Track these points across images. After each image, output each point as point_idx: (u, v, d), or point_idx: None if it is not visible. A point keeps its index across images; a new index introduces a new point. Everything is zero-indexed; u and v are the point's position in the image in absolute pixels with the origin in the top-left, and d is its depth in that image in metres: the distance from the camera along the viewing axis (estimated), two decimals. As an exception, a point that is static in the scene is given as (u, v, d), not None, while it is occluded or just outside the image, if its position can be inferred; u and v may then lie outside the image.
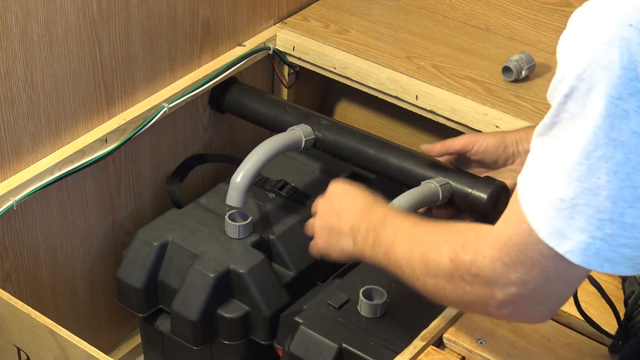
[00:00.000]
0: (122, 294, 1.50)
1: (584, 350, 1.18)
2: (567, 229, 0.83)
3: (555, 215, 0.84)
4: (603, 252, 0.83)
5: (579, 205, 0.82)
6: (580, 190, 0.81)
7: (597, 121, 0.79)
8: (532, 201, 0.86)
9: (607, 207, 0.81)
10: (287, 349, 1.32)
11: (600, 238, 0.82)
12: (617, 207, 0.81)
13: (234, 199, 1.44)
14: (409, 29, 1.78)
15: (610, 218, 0.81)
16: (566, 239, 0.84)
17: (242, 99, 1.68)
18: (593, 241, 0.83)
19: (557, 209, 0.83)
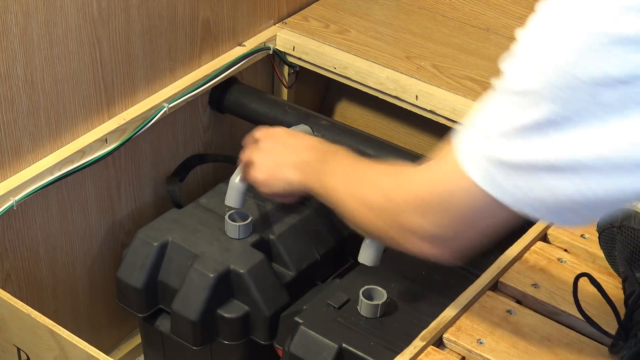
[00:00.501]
0: (122, 294, 1.50)
1: (584, 350, 1.18)
2: (504, 182, 0.86)
3: (496, 172, 0.87)
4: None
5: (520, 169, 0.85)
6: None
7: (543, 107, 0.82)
8: (466, 146, 0.89)
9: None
10: (287, 349, 1.32)
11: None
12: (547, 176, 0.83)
13: (232, 199, 1.44)
14: (409, 29, 1.78)
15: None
16: (501, 189, 0.87)
17: (242, 99, 1.68)
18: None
19: (495, 167, 0.86)
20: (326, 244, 1.53)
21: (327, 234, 1.54)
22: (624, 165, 0.80)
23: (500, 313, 1.22)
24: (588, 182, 0.81)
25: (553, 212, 0.86)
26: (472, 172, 0.88)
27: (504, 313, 1.23)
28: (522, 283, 1.26)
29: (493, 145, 0.86)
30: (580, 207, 0.84)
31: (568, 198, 0.83)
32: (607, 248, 1.24)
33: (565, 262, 1.30)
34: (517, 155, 0.84)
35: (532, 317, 1.22)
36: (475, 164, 0.88)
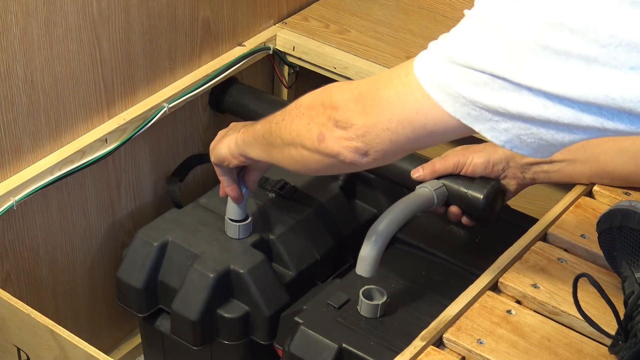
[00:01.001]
0: (122, 294, 1.50)
1: (584, 350, 1.18)
2: (448, 86, 0.91)
3: (442, 70, 0.91)
4: (466, 108, 0.91)
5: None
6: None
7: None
8: (426, 56, 0.94)
9: (476, 77, 0.88)
10: (287, 349, 1.32)
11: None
12: (483, 77, 0.87)
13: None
14: (409, 29, 1.78)
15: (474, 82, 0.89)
16: (443, 91, 0.91)
17: (241, 99, 1.68)
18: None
19: (446, 68, 0.91)
20: (326, 244, 1.53)
21: (327, 234, 1.54)
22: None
23: (500, 313, 1.22)
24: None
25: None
26: (417, 65, 0.93)
27: (504, 313, 1.23)
28: (522, 283, 1.26)
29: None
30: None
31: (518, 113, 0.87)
32: (606, 248, 1.24)
33: (565, 262, 1.30)
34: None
35: (532, 317, 1.22)
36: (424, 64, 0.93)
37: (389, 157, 1.03)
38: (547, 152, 0.91)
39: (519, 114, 0.88)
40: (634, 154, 1.34)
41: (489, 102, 0.89)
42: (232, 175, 1.37)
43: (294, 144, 1.10)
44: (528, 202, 1.67)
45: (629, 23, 0.80)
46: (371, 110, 0.98)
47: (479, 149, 1.37)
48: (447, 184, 1.38)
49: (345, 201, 1.60)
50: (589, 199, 1.39)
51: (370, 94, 0.99)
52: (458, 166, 1.37)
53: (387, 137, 0.98)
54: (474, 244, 1.45)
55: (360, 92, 1.00)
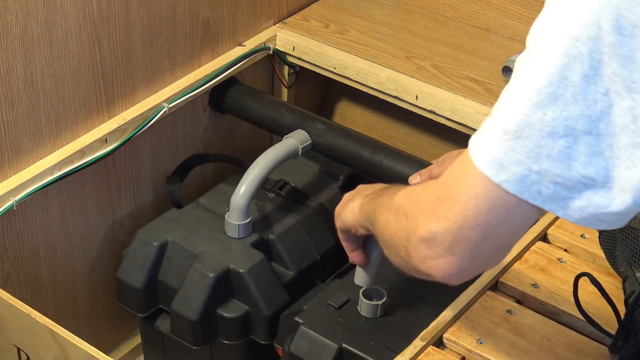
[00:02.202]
0: (122, 293, 1.50)
1: (584, 350, 1.18)
2: (506, 159, 0.85)
3: (500, 144, 0.85)
4: (537, 186, 0.84)
5: (522, 137, 0.83)
6: (527, 121, 0.83)
7: (554, 59, 0.81)
8: (478, 134, 0.88)
9: (547, 143, 0.83)
10: (287, 349, 1.32)
11: (537, 172, 0.84)
12: (557, 145, 0.82)
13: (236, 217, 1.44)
14: (409, 29, 1.78)
15: (548, 154, 0.83)
16: (504, 169, 0.85)
17: (241, 100, 1.68)
18: (530, 173, 0.84)
19: (502, 139, 0.85)
20: (326, 244, 1.53)
21: (327, 234, 1.54)
22: None
23: (500, 313, 1.22)
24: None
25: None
26: (477, 158, 0.87)
27: (504, 313, 1.23)
28: (522, 283, 1.26)
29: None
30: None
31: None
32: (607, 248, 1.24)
33: (565, 262, 1.30)
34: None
35: (532, 317, 1.22)
36: (483, 150, 0.87)
37: (479, 266, 0.93)
38: (623, 222, 0.86)
39: (603, 180, 0.83)
40: None
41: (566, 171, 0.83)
42: (356, 241, 1.22)
43: (391, 251, 1.01)
44: (528, 202, 1.66)
45: None
46: (449, 213, 0.89)
47: None
48: None
49: (345, 201, 1.60)
50: (589, 199, 1.39)
51: (444, 195, 0.90)
52: None
53: (474, 243, 0.90)
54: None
55: (436, 196, 0.92)
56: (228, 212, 1.47)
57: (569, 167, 0.83)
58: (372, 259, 1.24)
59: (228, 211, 1.47)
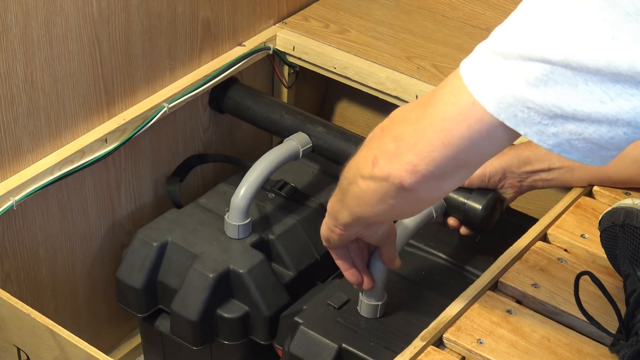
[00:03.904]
0: (122, 294, 1.50)
1: (584, 350, 1.18)
2: (490, 80, 0.87)
3: (485, 64, 0.89)
4: (512, 109, 0.85)
5: (507, 59, 0.86)
6: (510, 45, 0.86)
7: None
8: (471, 54, 0.92)
9: (527, 67, 0.83)
10: (287, 349, 1.32)
11: (512, 95, 0.85)
12: (535, 71, 0.83)
13: (236, 219, 1.45)
14: (409, 29, 1.78)
15: (526, 79, 0.84)
16: (486, 88, 0.87)
17: (241, 101, 1.68)
18: (507, 95, 0.85)
19: (489, 60, 0.89)
20: (326, 244, 1.53)
21: (327, 234, 1.54)
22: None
23: (500, 313, 1.22)
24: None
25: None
26: (464, 73, 0.90)
27: (504, 313, 1.23)
28: (522, 283, 1.26)
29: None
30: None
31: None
32: (608, 246, 1.24)
33: (565, 262, 1.30)
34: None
35: (532, 317, 1.22)
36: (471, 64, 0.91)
37: (436, 176, 0.93)
38: (598, 157, 0.86)
39: (573, 112, 0.82)
40: (635, 158, 1.34)
41: (541, 101, 0.83)
42: (346, 258, 1.22)
43: (354, 179, 1.02)
44: (528, 202, 1.67)
45: None
46: (421, 116, 0.92)
47: None
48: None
49: (345, 201, 1.59)
50: (589, 198, 1.39)
51: (424, 102, 0.93)
52: None
53: (434, 146, 0.91)
54: (474, 244, 1.45)
55: (417, 102, 0.95)
56: (228, 212, 1.47)
57: (544, 95, 0.83)
58: (377, 280, 1.27)
59: (228, 211, 1.47)
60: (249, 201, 1.46)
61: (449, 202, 1.38)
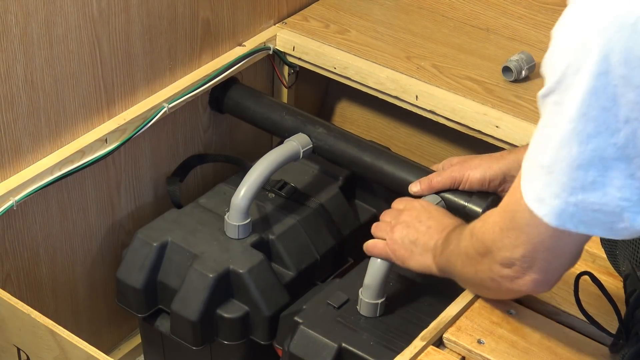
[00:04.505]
0: (122, 294, 1.50)
1: (584, 350, 1.18)
2: (545, 193, 0.91)
3: (538, 180, 0.92)
4: (577, 216, 0.90)
5: (555, 172, 0.89)
6: (556, 158, 0.89)
7: (576, 98, 0.86)
8: (524, 167, 0.95)
9: (579, 176, 0.88)
10: (287, 349, 1.32)
11: (573, 203, 0.90)
12: (588, 176, 0.88)
13: (236, 219, 1.45)
14: (409, 29, 1.78)
15: (582, 186, 0.88)
16: (543, 203, 0.92)
17: (241, 101, 1.68)
18: (567, 206, 0.90)
19: (539, 175, 0.91)
20: (326, 244, 1.53)
21: (327, 234, 1.54)
22: None
23: (500, 313, 1.22)
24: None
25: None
26: (524, 192, 0.94)
27: (504, 313, 1.23)
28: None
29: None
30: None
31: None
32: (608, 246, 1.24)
33: (565, 262, 1.29)
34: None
35: (532, 317, 1.22)
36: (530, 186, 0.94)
37: (557, 273, 1.04)
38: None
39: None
40: None
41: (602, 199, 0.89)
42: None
43: (479, 287, 1.16)
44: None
45: None
46: (522, 239, 0.99)
47: (474, 164, 1.38)
48: (446, 198, 1.39)
49: (345, 201, 1.60)
50: (589, 198, 1.39)
51: (514, 222, 0.99)
52: (455, 182, 1.38)
53: (546, 258, 1.00)
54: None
55: (501, 225, 1.02)
56: (228, 212, 1.47)
57: (604, 194, 0.88)
58: (377, 279, 1.30)
59: (228, 211, 1.47)
60: (249, 202, 1.46)
61: (449, 205, 1.38)
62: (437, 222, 1.24)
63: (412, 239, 1.25)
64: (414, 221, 1.26)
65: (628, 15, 0.81)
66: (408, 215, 1.27)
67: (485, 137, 1.57)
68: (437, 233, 1.22)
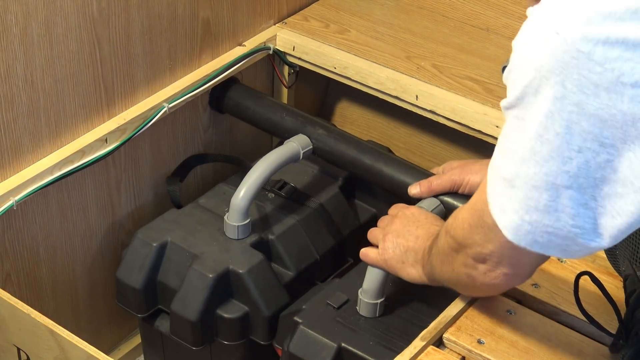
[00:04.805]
0: (122, 294, 1.50)
1: (584, 350, 1.18)
2: (506, 206, 0.91)
3: (501, 190, 0.91)
4: (532, 235, 0.90)
5: (515, 187, 0.89)
6: (516, 173, 0.88)
7: (534, 119, 0.85)
8: (490, 173, 0.94)
9: (534, 196, 0.88)
10: (287, 349, 1.32)
11: (528, 222, 0.89)
12: (542, 198, 0.87)
13: (236, 219, 1.45)
14: (409, 29, 1.78)
15: (536, 206, 0.88)
16: (504, 215, 0.92)
17: (241, 101, 1.68)
18: (522, 223, 0.90)
19: (503, 186, 0.91)
20: (325, 244, 1.53)
21: (326, 234, 1.54)
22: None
23: (500, 313, 1.22)
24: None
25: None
26: (489, 199, 0.94)
27: (504, 313, 1.23)
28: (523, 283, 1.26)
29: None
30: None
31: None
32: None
33: (565, 262, 1.30)
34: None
35: (532, 317, 1.22)
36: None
37: (529, 269, 1.05)
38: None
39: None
40: None
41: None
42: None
43: (457, 284, 1.16)
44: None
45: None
46: (490, 236, 0.99)
47: (475, 169, 1.38)
48: (445, 202, 1.39)
49: (345, 201, 1.60)
50: (589, 199, 1.39)
51: (482, 220, 0.99)
52: (455, 185, 1.39)
53: (514, 255, 1.00)
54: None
55: (470, 222, 1.03)
56: (227, 212, 1.47)
57: (557, 219, 0.87)
58: (376, 278, 1.30)
59: (227, 212, 1.47)
60: (248, 202, 1.46)
61: (448, 207, 1.38)
62: (425, 231, 1.24)
63: (402, 250, 1.25)
64: (403, 230, 1.26)
65: (584, 42, 0.80)
66: (399, 223, 1.28)
67: (485, 137, 1.57)
68: (424, 242, 1.22)
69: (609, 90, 0.80)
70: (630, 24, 0.79)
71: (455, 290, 1.23)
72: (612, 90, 0.80)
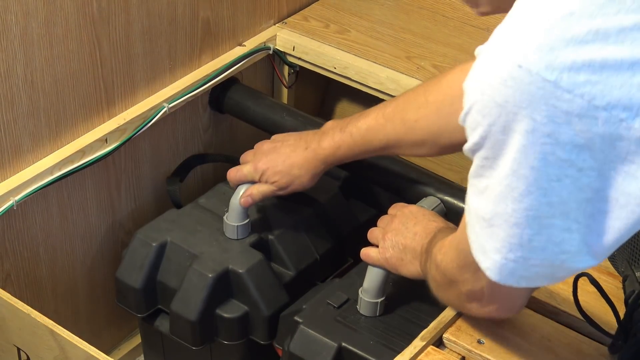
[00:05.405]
0: (121, 294, 1.50)
1: (584, 350, 1.18)
2: (487, 246, 0.89)
3: (480, 231, 0.89)
4: (517, 272, 0.89)
5: (495, 226, 0.87)
6: (494, 212, 0.86)
7: (506, 156, 0.83)
8: (467, 213, 0.92)
9: (516, 233, 0.86)
10: (287, 349, 1.32)
11: (512, 260, 0.88)
12: (525, 234, 0.85)
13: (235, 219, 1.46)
14: (409, 29, 1.78)
15: (520, 243, 0.86)
16: (486, 256, 0.90)
17: (241, 101, 1.68)
18: (506, 262, 0.88)
19: (481, 226, 0.89)
20: (325, 244, 1.53)
21: (326, 234, 1.54)
22: None
23: (500, 313, 1.22)
24: None
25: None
26: (470, 239, 0.93)
27: (503, 313, 1.22)
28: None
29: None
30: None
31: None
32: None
33: (565, 262, 1.29)
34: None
35: (532, 317, 1.22)
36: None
37: (520, 302, 1.07)
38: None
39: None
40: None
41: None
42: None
43: (452, 306, 1.19)
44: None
45: None
46: (479, 274, 0.97)
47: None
48: (445, 197, 1.39)
49: (345, 201, 1.60)
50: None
51: (468, 260, 0.98)
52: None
53: (505, 290, 0.99)
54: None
55: (457, 263, 1.03)
56: (227, 213, 1.47)
57: (543, 250, 0.86)
58: (377, 278, 1.31)
59: (227, 212, 1.47)
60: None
61: (448, 207, 1.38)
62: (423, 228, 1.24)
63: (401, 247, 1.25)
64: (402, 228, 1.27)
65: (549, 70, 0.78)
66: (398, 222, 1.28)
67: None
68: (423, 239, 1.23)
69: (581, 116, 0.78)
70: (594, 46, 0.77)
71: None
72: (584, 115, 0.78)
